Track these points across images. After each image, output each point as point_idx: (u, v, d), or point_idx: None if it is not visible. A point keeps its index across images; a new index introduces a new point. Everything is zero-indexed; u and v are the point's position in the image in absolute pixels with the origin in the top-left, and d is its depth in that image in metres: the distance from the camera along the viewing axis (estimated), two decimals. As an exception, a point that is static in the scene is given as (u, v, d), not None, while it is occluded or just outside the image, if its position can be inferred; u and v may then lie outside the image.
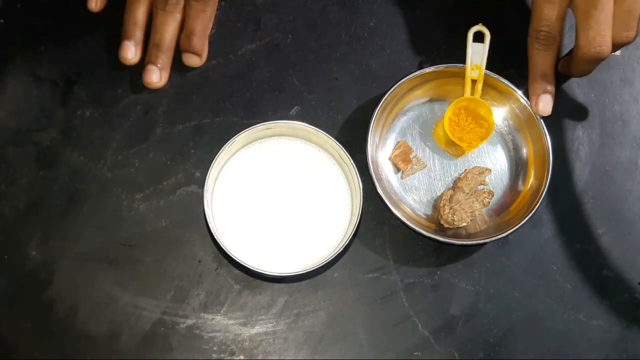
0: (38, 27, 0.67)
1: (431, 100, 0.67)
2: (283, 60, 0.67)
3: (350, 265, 0.63)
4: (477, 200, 0.63)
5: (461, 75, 0.64)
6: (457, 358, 0.62)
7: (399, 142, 0.65)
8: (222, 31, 0.67)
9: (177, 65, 0.66)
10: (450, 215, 0.62)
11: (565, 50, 0.69)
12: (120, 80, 0.66)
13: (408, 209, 0.64)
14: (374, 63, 0.68)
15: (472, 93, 0.64)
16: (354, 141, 0.64)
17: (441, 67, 0.64)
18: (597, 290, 0.64)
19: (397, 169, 0.65)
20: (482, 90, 0.64)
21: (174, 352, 0.60)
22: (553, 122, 0.66)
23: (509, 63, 0.66)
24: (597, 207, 0.66)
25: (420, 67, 0.64)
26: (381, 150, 0.65)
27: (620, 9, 0.59)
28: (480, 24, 0.63)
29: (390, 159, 0.65)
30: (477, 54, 0.63)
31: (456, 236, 0.62)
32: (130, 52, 0.64)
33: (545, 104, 0.63)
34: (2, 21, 0.67)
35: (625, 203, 0.66)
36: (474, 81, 0.64)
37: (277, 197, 0.62)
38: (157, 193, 0.63)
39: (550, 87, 0.63)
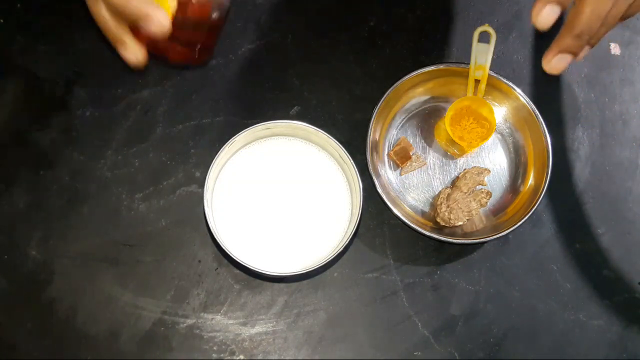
0: (38, 27, 0.67)
1: (433, 99, 0.67)
2: (283, 60, 0.67)
3: (350, 265, 0.63)
4: (474, 200, 0.63)
5: (464, 74, 0.64)
6: (457, 358, 0.62)
7: (399, 138, 0.65)
8: (222, 31, 0.67)
9: (177, 65, 0.66)
10: (446, 214, 0.62)
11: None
12: (120, 80, 0.66)
13: (407, 207, 0.64)
14: (374, 63, 0.68)
15: (475, 93, 0.64)
16: (354, 141, 0.64)
17: (444, 65, 0.64)
18: (597, 290, 0.64)
19: (397, 166, 0.65)
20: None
21: (174, 352, 0.60)
22: (553, 122, 0.66)
23: (508, 62, 0.67)
24: (597, 207, 0.66)
25: (421, 67, 0.64)
26: (381, 146, 0.65)
27: None
28: (487, 24, 0.62)
29: (389, 155, 0.65)
30: (481, 54, 0.63)
31: (452, 235, 0.62)
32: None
33: (559, 62, 0.51)
34: (2, 21, 0.67)
35: (625, 203, 0.66)
36: (477, 81, 0.64)
37: (277, 197, 0.62)
38: (157, 193, 0.63)
39: (577, 48, 0.50)
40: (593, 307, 0.64)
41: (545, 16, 0.50)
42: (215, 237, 0.58)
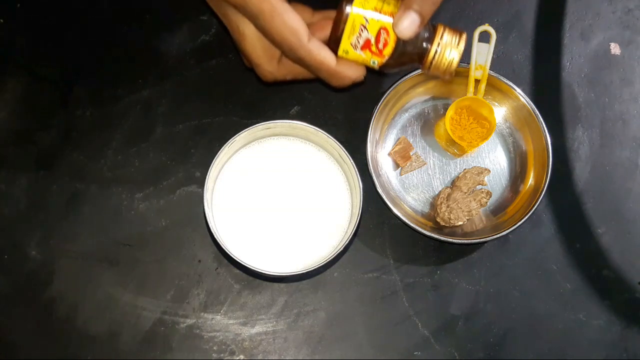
0: (38, 27, 0.67)
1: (433, 99, 0.67)
2: (283, 60, 0.67)
3: (350, 265, 0.63)
4: (474, 200, 0.63)
5: (464, 74, 0.64)
6: (457, 358, 0.62)
7: (399, 138, 0.65)
8: (222, 31, 0.67)
9: (177, 65, 0.66)
10: (446, 214, 0.62)
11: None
12: (120, 80, 0.66)
13: (407, 207, 0.64)
14: (374, 63, 0.68)
15: (475, 93, 0.64)
16: (354, 140, 0.64)
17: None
18: (597, 290, 0.64)
19: (397, 166, 0.65)
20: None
21: (174, 352, 0.60)
22: (553, 121, 0.66)
23: (508, 62, 0.66)
24: (597, 207, 0.66)
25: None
26: (381, 146, 0.65)
27: None
28: (487, 24, 0.62)
29: (389, 154, 0.65)
30: (481, 54, 0.62)
31: (452, 235, 0.62)
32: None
33: (411, 23, 0.53)
34: (2, 21, 0.67)
35: (625, 203, 0.66)
36: (477, 81, 0.63)
37: (277, 196, 0.62)
38: (157, 193, 0.63)
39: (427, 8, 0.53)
40: (593, 307, 0.64)
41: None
42: (215, 237, 0.58)
